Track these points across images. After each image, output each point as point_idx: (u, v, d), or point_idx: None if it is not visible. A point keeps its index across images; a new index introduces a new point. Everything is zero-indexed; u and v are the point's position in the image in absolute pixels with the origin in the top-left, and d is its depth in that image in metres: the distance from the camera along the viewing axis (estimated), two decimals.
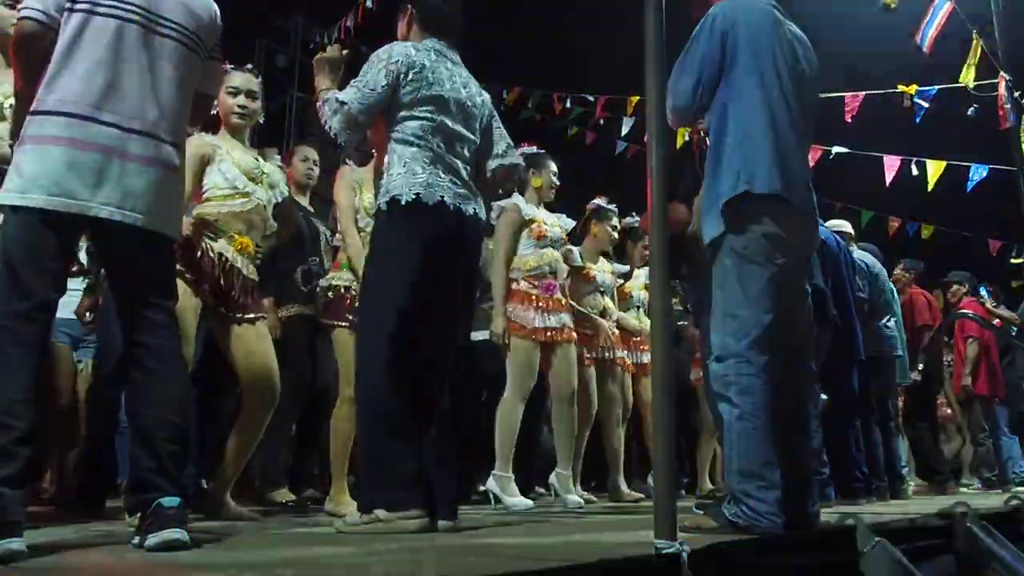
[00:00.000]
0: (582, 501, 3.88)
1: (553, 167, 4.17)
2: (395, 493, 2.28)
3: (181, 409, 2.03)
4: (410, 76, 2.51)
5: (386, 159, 2.56)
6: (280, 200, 3.21)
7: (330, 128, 2.47)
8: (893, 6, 5.33)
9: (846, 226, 5.39)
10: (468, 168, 2.63)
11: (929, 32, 5.24)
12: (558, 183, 4.19)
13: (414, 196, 2.44)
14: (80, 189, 1.92)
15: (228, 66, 3.10)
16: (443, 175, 2.51)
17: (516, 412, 3.82)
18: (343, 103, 2.46)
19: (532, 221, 3.98)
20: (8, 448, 1.77)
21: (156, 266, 2.11)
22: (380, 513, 2.26)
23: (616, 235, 4.67)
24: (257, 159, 3.13)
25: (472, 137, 2.66)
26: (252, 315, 3.01)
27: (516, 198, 3.96)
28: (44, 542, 1.99)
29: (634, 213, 5.09)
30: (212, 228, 2.94)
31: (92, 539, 2.22)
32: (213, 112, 3.08)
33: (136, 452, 1.99)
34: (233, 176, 3.00)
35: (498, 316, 3.82)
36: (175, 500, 1.91)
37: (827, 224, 5.26)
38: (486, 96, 2.78)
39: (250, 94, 3.15)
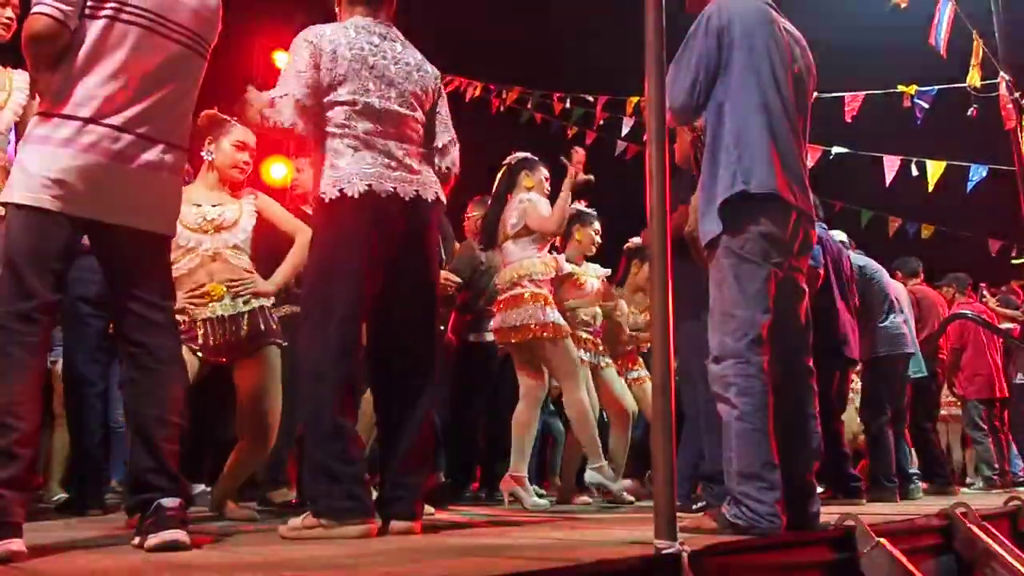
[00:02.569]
0: (546, 503, 3.89)
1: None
2: (338, 501, 2.23)
3: (181, 409, 2.03)
4: (324, 56, 2.41)
5: (314, 157, 2.49)
6: (247, 234, 3.08)
7: (281, 123, 2.35)
8: (904, 5, 5.32)
9: (843, 236, 5.43)
10: (409, 146, 2.49)
11: (941, 34, 5.24)
12: (599, 241, 4.55)
13: (338, 192, 2.36)
14: (86, 192, 1.93)
15: (233, 119, 3.09)
16: (370, 161, 2.39)
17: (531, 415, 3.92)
18: (283, 95, 2.37)
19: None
20: (9, 449, 1.77)
21: (156, 267, 2.12)
22: (323, 520, 2.21)
23: (598, 239, 4.68)
24: (199, 206, 3.01)
25: (407, 112, 2.51)
26: (256, 347, 2.99)
27: (534, 195, 3.98)
28: (44, 542, 1.99)
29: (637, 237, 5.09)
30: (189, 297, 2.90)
31: (92, 539, 2.22)
32: (207, 157, 3.08)
33: (136, 452, 1.99)
34: (176, 235, 2.94)
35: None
36: (175, 500, 1.91)
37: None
38: (430, 71, 2.63)
39: (251, 151, 3.14)
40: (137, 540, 1.90)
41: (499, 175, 4.14)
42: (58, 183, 1.90)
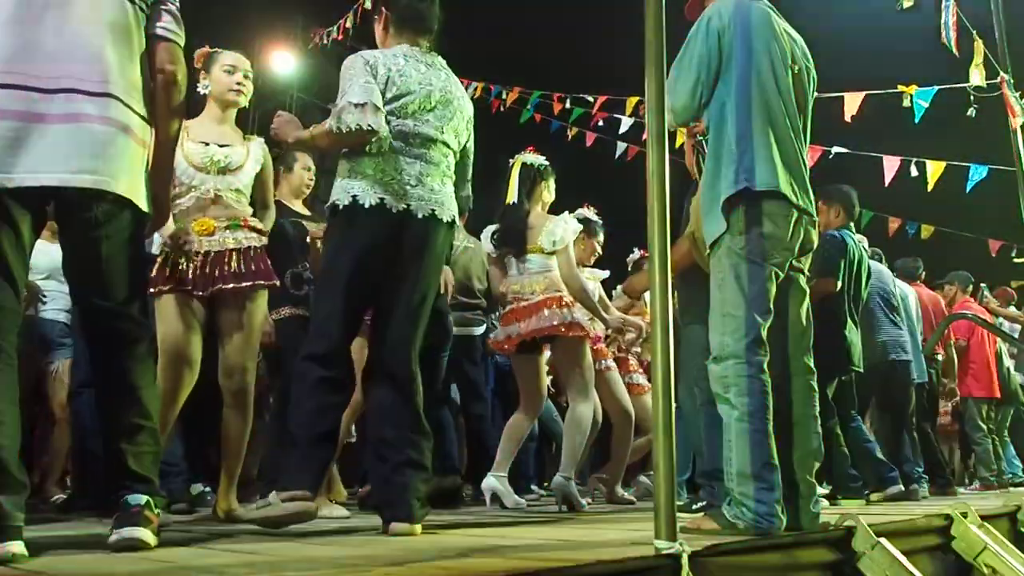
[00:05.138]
0: (524, 502, 3.90)
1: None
2: (286, 475, 2.32)
3: (147, 411, 1.96)
4: (379, 78, 2.50)
5: (339, 165, 2.55)
6: (251, 179, 3.09)
7: (368, 126, 2.40)
8: (909, 5, 5.32)
9: (863, 241, 5.44)
10: (435, 168, 2.57)
11: (951, 33, 5.24)
12: (600, 252, 4.59)
13: (351, 199, 2.45)
14: (1, 160, 1.77)
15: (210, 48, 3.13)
16: (390, 178, 2.48)
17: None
18: (359, 103, 2.41)
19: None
20: None
21: (116, 247, 1.94)
22: (271, 496, 2.27)
23: (599, 251, 4.66)
24: (207, 144, 3.00)
25: (442, 138, 2.60)
26: (239, 284, 2.93)
27: (574, 221, 3.96)
28: (44, 542, 1.99)
29: (635, 249, 5.13)
30: (183, 237, 2.89)
31: (92, 539, 2.22)
32: (203, 91, 3.05)
33: (105, 454, 1.97)
34: (180, 170, 2.91)
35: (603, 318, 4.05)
36: (140, 498, 1.88)
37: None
38: (467, 105, 2.73)
39: (246, 74, 3.14)
40: (111, 538, 1.88)
41: (516, 172, 3.98)
42: None
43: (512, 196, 3.93)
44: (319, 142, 2.53)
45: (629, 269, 5.27)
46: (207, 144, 3.02)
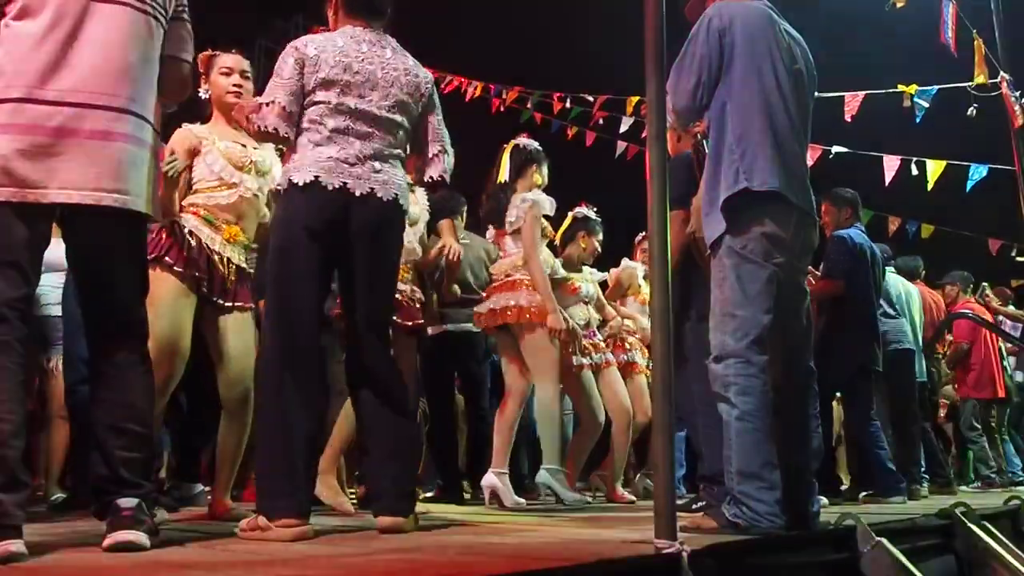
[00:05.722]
0: (524, 502, 3.89)
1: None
2: (275, 500, 2.21)
3: (141, 416, 1.96)
4: (308, 61, 2.46)
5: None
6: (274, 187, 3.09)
7: (266, 128, 2.42)
8: (900, 5, 5.33)
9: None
10: (380, 147, 2.49)
11: (949, 34, 5.25)
12: (599, 251, 4.52)
13: (287, 182, 2.39)
14: (35, 176, 1.82)
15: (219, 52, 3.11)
16: (327, 156, 2.40)
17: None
18: (270, 101, 2.43)
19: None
20: None
21: (126, 255, 2.01)
22: (261, 521, 2.19)
23: (599, 249, 4.66)
24: (244, 145, 3.02)
25: (387, 115, 2.51)
26: (241, 303, 2.95)
27: (536, 194, 3.91)
28: (44, 542, 1.99)
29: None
30: (196, 213, 2.89)
31: (92, 539, 2.21)
32: (204, 95, 3.05)
33: (94, 456, 1.96)
34: (220, 167, 2.92)
35: (553, 313, 3.78)
36: (132, 501, 1.87)
37: None
38: (421, 75, 2.63)
39: (243, 74, 3.10)
40: (104, 542, 1.88)
41: (507, 155, 3.96)
42: (4, 172, 1.80)
43: (503, 176, 3.94)
44: (249, 130, 2.53)
45: (636, 241, 5.26)
46: (244, 145, 3.02)
